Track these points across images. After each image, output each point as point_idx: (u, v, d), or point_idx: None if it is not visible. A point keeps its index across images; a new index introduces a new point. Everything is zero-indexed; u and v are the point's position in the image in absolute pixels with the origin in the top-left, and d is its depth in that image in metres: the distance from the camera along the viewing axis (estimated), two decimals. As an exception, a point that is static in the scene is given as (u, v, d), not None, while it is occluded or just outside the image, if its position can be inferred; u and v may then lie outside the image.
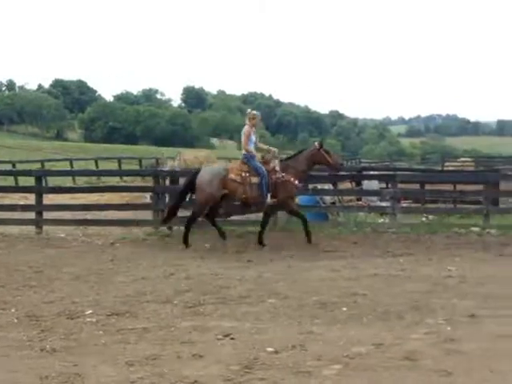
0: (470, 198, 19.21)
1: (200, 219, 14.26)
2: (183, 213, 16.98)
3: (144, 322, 7.82)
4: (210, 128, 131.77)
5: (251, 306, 8.49)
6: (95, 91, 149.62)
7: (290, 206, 14.23)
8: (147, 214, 16.86)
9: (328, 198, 17.78)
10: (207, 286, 9.83)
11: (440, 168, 37.79)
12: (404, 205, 18.19)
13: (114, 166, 40.78)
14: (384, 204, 17.04)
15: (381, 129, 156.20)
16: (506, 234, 14.67)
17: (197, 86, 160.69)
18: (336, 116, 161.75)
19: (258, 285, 9.83)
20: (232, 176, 13.82)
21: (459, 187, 20.08)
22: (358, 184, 20.56)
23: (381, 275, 10.39)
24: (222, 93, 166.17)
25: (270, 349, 6.58)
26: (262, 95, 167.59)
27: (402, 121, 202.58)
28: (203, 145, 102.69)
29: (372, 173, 22.02)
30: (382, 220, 16.64)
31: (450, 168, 37.82)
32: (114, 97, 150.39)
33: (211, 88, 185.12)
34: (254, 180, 13.80)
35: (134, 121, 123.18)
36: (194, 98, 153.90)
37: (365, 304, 8.46)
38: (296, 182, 14.08)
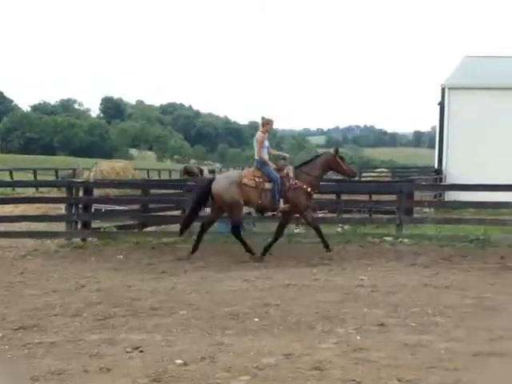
0: (385, 207, 19.47)
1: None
2: (97, 224, 16.79)
3: (52, 336, 7.62)
4: (129, 138, 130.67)
5: (162, 318, 8.37)
6: (11, 101, 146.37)
7: (307, 219, 14.20)
8: (62, 226, 16.55)
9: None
10: (118, 298, 9.65)
11: (357, 178, 38.28)
12: (320, 215, 18.32)
13: (30, 177, 40.05)
14: (299, 214, 17.13)
15: (300, 140, 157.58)
16: (418, 244, 14.93)
17: (115, 97, 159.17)
18: (255, 127, 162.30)
19: (170, 296, 9.72)
20: (246, 181, 13.76)
21: (375, 197, 20.37)
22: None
23: (293, 285, 10.40)
24: (140, 103, 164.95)
25: (179, 361, 6.48)
26: (182, 106, 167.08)
27: (320, 132, 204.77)
28: (122, 155, 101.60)
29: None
30: (297, 230, 16.72)
31: (368, 178, 38.42)
32: (31, 107, 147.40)
33: (130, 98, 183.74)
34: (268, 186, 13.80)
35: (52, 131, 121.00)
36: (113, 108, 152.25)
37: (276, 314, 8.44)
38: (309, 189, 14.01)
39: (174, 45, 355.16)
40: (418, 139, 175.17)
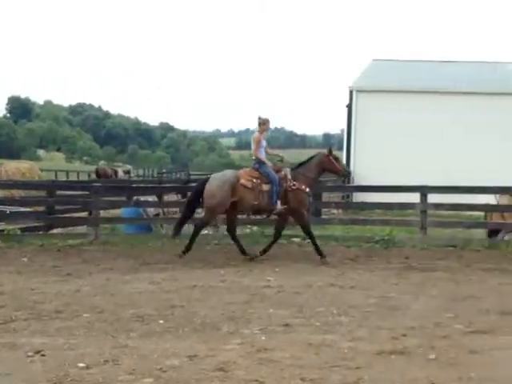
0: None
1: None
2: (1, 226, 16.36)
3: (-50, 341, 7.38)
4: (37, 139, 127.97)
5: (65, 321, 8.20)
6: None
7: (303, 222, 13.96)
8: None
9: (152, 210, 17.64)
10: (21, 301, 9.41)
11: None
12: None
13: None
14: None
15: (211, 141, 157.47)
16: (326, 245, 15.07)
17: (22, 96, 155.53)
18: (166, 128, 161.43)
19: (74, 299, 9.53)
20: (243, 182, 13.56)
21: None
22: (184, 196, 20.56)
23: (200, 287, 10.37)
24: (48, 103, 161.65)
25: (81, 364, 6.36)
26: (91, 106, 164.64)
27: (231, 133, 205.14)
28: (30, 156, 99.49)
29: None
30: (205, 231, 16.68)
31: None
32: None
33: (38, 98, 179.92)
34: (265, 187, 13.61)
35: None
36: (20, 108, 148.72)
37: (182, 316, 8.40)
38: (307, 189, 13.91)
39: (82, 44, 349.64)
40: (328, 141, 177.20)
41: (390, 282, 11.10)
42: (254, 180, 13.56)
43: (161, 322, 8.12)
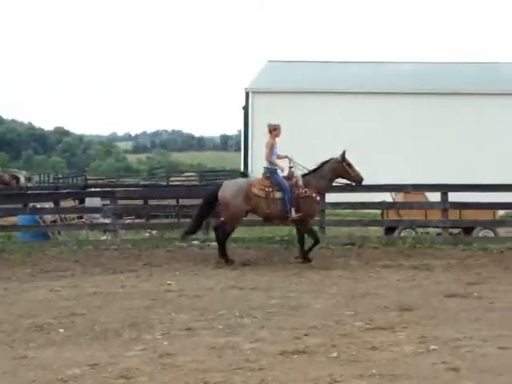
0: (193, 212, 19.58)
1: None
2: None
3: None
4: None
5: (-41, 335, 7.92)
6: None
7: (307, 226, 13.91)
8: None
9: (49, 217, 17.29)
10: None
11: (165, 183, 38.41)
12: (127, 221, 18.17)
13: None
14: (106, 221, 16.89)
15: (107, 145, 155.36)
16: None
17: None
18: (61, 132, 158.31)
19: (-31, 311, 9.23)
20: (255, 191, 13.47)
21: (184, 202, 20.46)
22: (82, 201, 20.27)
23: (100, 293, 10.20)
24: None
25: (-23, 378, 6.17)
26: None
27: (128, 137, 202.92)
28: None
29: (93, 189, 21.82)
30: (104, 237, 16.47)
31: (176, 183, 38.56)
32: None
33: None
34: (278, 195, 13.51)
35: None
36: None
37: (82, 324, 8.23)
38: (318, 197, 13.86)
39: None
40: (225, 143, 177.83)
41: (290, 282, 11.20)
42: (266, 189, 13.54)
43: (61, 330, 7.93)
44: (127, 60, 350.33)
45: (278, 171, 13.73)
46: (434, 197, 16.60)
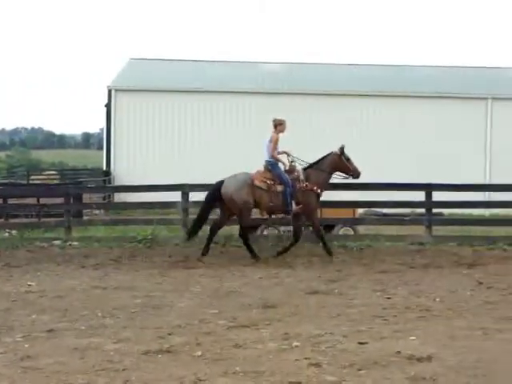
0: (55, 211, 19.16)
1: None
2: None
3: None
4: None
5: None
6: None
7: (314, 222, 14.16)
8: None
9: None
10: None
11: (26, 181, 37.36)
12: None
13: None
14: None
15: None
16: (88, 246, 14.89)
17: None
18: None
19: None
20: (257, 183, 13.60)
21: (44, 201, 20.01)
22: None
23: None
24: None
25: None
26: None
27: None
28: None
29: None
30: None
31: (36, 181, 37.54)
32: None
33: None
34: (279, 188, 13.64)
35: None
36: None
37: None
38: (319, 190, 13.91)
39: None
40: (87, 141, 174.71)
41: (154, 281, 11.15)
42: (268, 181, 13.61)
43: None
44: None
45: (280, 165, 13.88)
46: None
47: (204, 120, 32.58)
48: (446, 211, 21.38)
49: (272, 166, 13.85)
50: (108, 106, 33.30)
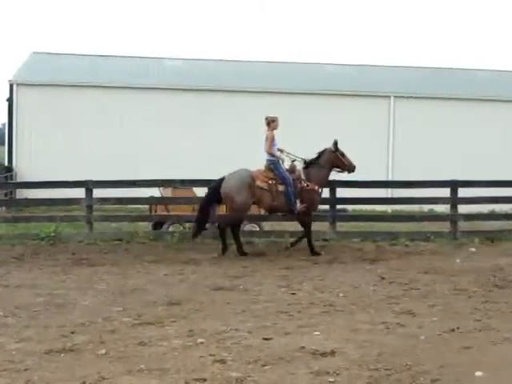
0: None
1: None
2: None
3: None
4: None
5: None
6: None
7: (308, 218, 14.17)
8: None
9: None
10: None
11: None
12: None
13: None
14: None
15: None
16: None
17: None
18: None
19: None
20: (259, 183, 13.56)
21: None
22: None
23: None
24: None
25: None
26: None
27: None
28: None
29: None
30: None
31: None
32: None
33: None
34: (281, 188, 13.67)
35: None
36: None
37: None
38: (320, 190, 14.18)
39: None
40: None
41: (57, 279, 10.96)
42: (270, 181, 13.56)
43: None
44: None
45: (281, 163, 13.91)
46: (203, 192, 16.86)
47: (106, 116, 32.15)
48: (349, 207, 21.79)
49: (274, 165, 13.88)
50: (10, 100, 32.52)
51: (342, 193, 16.11)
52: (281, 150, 14.10)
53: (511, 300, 9.06)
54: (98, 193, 15.92)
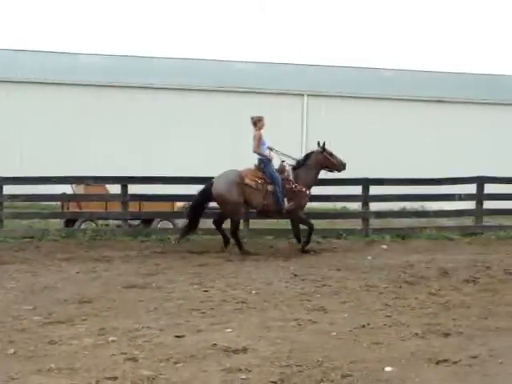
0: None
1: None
2: None
3: None
4: None
5: None
6: None
7: (299, 216, 14.19)
8: None
9: None
10: None
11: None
12: None
13: None
14: None
15: None
16: None
17: None
18: None
19: None
20: (248, 182, 13.60)
21: None
22: None
23: None
24: None
25: None
26: None
27: None
28: None
29: None
30: None
31: None
32: None
33: None
34: (270, 188, 13.68)
35: None
36: None
37: None
38: (308, 191, 14.14)
39: None
40: None
41: None
42: (259, 180, 13.51)
43: None
44: None
45: (272, 163, 13.87)
46: (116, 189, 16.68)
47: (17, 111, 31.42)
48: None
49: (265, 164, 13.85)
50: None
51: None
52: (270, 149, 14.11)
53: (421, 296, 9.26)
54: (7, 189, 15.60)
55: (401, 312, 8.28)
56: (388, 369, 5.90)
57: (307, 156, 14.68)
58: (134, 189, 16.20)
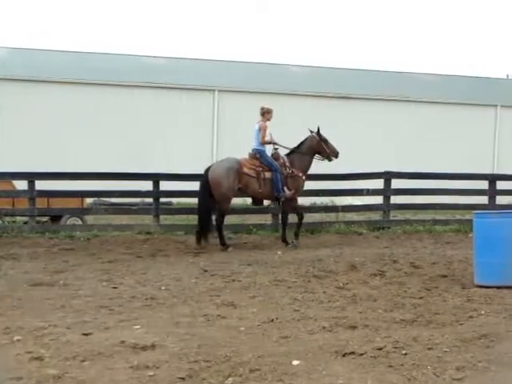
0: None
1: None
2: None
3: None
4: None
5: None
6: None
7: (296, 203, 14.47)
8: None
9: None
10: None
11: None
12: None
13: None
14: None
15: None
16: None
17: None
18: None
19: None
20: (246, 170, 13.68)
21: None
22: None
23: None
24: None
25: None
26: None
27: None
28: None
29: None
30: None
31: None
32: None
33: None
34: (268, 175, 13.82)
35: None
36: None
37: None
38: (304, 177, 14.31)
39: None
40: None
41: None
42: (257, 168, 13.81)
43: None
44: None
45: (267, 151, 13.91)
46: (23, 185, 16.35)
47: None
48: (174, 200, 21.83)
49: (260, 153, 13.90)
50: None
51: (166, 186, 16.13)
52: (272, 141, 14.22)
53: (329, 290, 9.38)
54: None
55: (309, 306, 8.36)
56: (296, 362, 5.95)
57: (301, 142, 14.81)
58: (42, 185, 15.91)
